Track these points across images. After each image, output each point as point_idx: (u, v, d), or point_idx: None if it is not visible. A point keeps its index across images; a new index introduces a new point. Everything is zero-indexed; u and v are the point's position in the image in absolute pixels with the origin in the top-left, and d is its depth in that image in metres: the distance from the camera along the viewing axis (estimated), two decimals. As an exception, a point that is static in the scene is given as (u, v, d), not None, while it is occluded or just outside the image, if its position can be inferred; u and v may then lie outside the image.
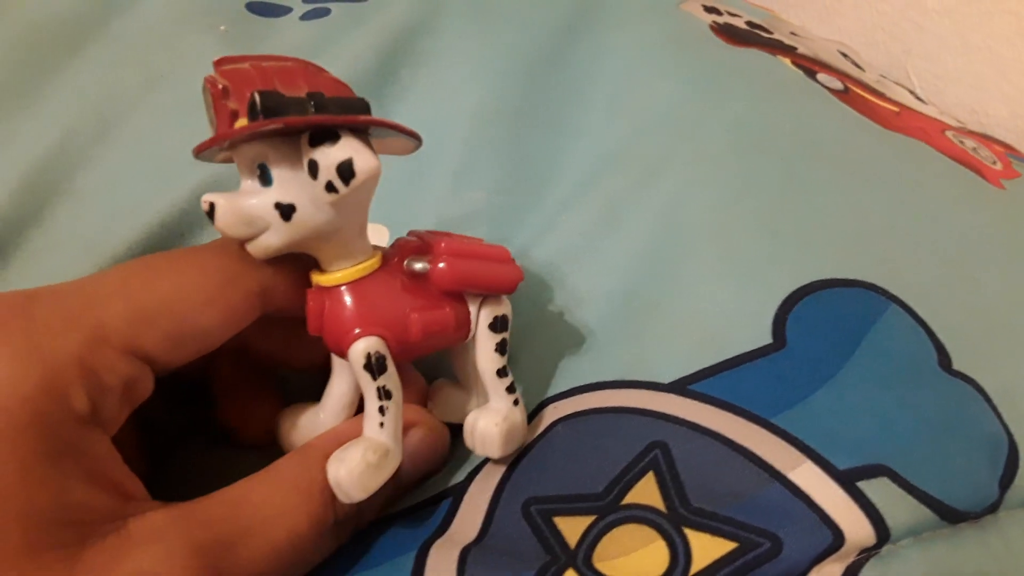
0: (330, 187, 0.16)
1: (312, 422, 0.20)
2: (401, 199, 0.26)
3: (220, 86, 0.16)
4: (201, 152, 0.17)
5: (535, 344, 0.23)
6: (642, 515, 0.18)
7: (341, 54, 0.30)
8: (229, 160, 0.18)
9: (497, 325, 0.19)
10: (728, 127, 0.28)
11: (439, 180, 0.27)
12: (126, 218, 0.25)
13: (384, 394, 0.18)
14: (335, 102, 0.16)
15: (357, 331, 0.17)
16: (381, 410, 0.18)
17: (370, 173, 0.16)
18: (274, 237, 0.17)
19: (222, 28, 0.30)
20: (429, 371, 0.22)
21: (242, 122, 0.16)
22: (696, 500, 0.18)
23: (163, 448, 0.22)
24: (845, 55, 0.39)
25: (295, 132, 0.16)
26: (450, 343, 0.19)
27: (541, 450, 0.20)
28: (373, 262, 0.18)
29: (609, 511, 0.18)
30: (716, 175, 0.26)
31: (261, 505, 0.17)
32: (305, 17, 0.31)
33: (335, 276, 0.18)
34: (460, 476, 0.21)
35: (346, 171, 0.16)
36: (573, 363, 0.22)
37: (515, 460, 0.20)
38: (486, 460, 0.21)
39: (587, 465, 0.19)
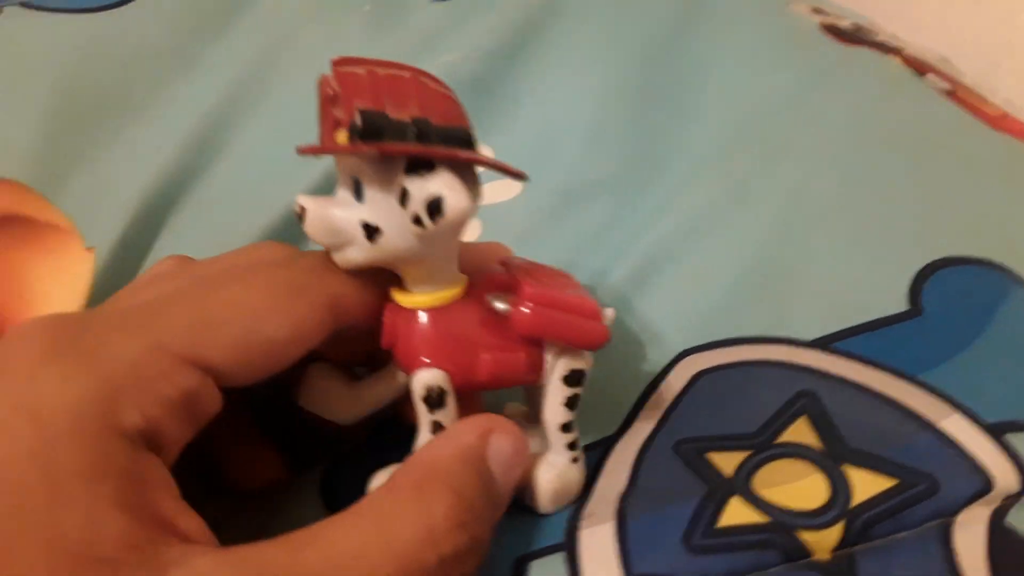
0: (417, 220, 0.15)
1: (347, 394, 0.19)
2: (532, 162, 0.28)
3: (331, 91, 0.16)
4: (303, 154, 0.17)
5: (671, 295, 0.24)
6: (798, 451, 0.19)
7: (471, 32, 0.31)
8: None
9: (571, 379, 0.18)
10: (847, 117, 0.29)
11: (568, 148, 0.28)
12: (278, 180, 0.26)
13: (437, 428, 0.17)
14: (439, 132, 0.16)
15: (425, 360, 0.17)
16: None
17: (460, 214, 0.15)
18: (357, 253, 0.17)
19: (367, 8, 0.32)
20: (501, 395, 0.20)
21: (342, 135, 0.16)
22: (852, 442, 0.19)
23: None
24: (945, 60, 0.40)
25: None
26: (518, 384, 0.19)
27: (687, 401, 0.21)
28: (456, 292, 0.17)
29: (764, 447, 0.19)
30: (839, 159, 0.27)
31: (349, 552, 0.14)
32: (437, -1, 0.33)
33: (415, 299, 0.17)
34: (610, 429, 0.21)
35: (435, 208, 0.15)
36: (710, 318, 0.23)
37: (662, 415, 0.21)
38: (628, 423, 0.21)
39: (737, 410, 0.20)
